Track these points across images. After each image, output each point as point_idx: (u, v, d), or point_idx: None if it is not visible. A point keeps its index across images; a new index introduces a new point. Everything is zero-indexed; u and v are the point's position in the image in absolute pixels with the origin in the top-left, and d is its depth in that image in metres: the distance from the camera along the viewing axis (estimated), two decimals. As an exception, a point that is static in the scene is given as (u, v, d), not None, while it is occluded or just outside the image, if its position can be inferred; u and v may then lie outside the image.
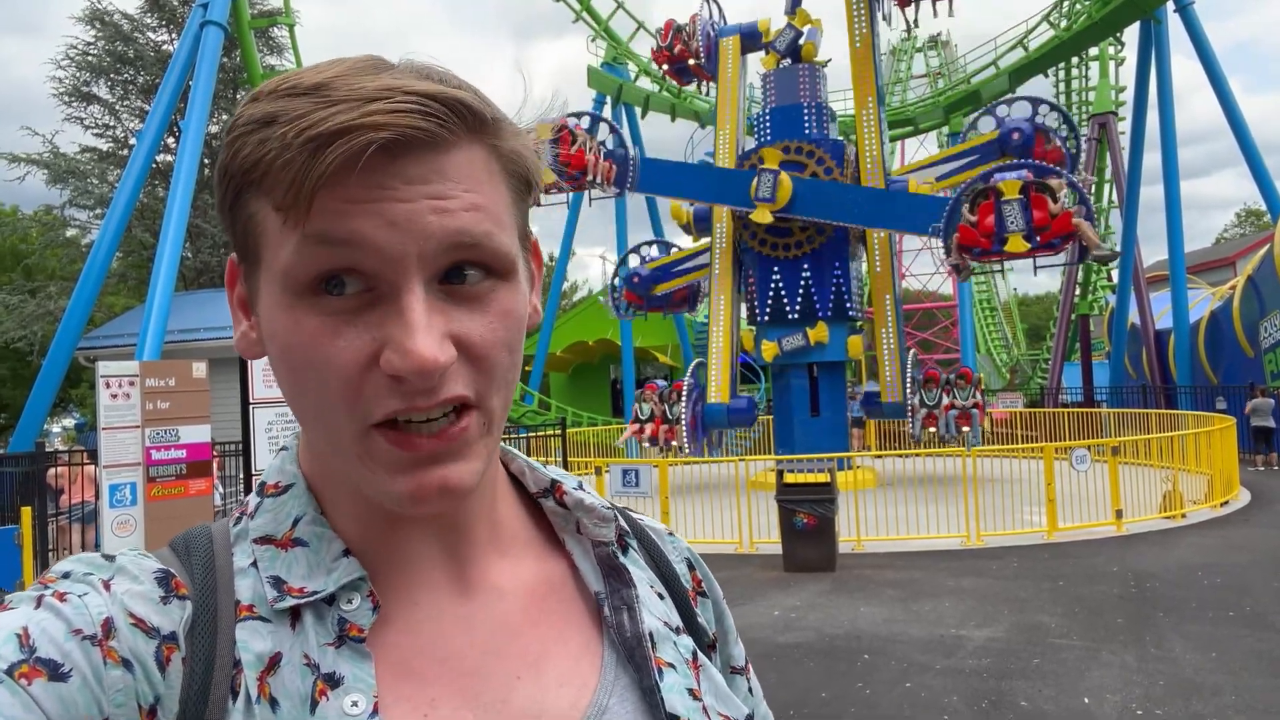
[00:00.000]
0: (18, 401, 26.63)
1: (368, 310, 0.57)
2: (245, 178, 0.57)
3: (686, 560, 0.82)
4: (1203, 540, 10.24)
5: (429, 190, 0.56)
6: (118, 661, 0.54)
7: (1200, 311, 22.78)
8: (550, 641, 0.68)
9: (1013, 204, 12.65)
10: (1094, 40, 23.73)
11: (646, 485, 11.17)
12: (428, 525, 0.67)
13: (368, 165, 0.54)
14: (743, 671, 0.83)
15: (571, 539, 0.74)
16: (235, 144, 0.58)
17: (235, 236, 0.61)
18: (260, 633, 0.59)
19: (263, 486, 0.68)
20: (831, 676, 6.05)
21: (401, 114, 0.54)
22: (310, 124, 0.54)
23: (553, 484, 0.75)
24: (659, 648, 0.69)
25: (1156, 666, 5.95)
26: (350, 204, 0.55)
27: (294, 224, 0.55)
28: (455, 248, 0.57)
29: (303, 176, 0.54)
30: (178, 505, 7.71)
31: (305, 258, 0.56)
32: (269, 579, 0.62)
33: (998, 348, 43.59)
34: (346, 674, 0.58)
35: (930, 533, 10.62)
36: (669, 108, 27.11)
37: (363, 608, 0.61)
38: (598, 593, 0.72)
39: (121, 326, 22.20)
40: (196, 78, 17.68)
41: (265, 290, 0.60)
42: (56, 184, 27.11)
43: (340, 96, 0.55)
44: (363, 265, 0.56)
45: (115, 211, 17.06)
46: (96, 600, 0.56)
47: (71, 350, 16.92)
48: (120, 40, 27.92)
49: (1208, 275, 31.52)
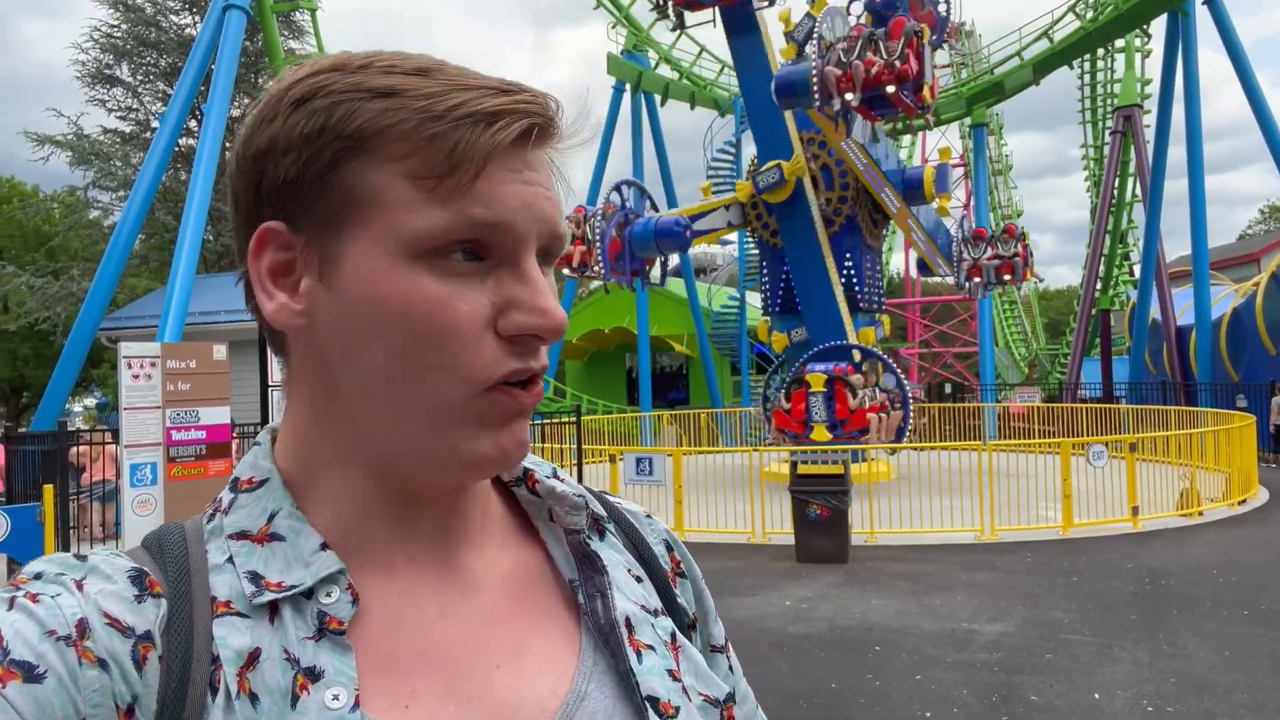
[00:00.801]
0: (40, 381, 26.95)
1: (483, 276, 0.61)
2: (360, 143, 0.59)
3: (665, 542, 0.83)
4: (1219, 538, 10.18)
5: (542, 178, 0.63)
6: (93, 661, 0.53)
7: (1223, 308, 22.53)
8: (529, 630, 0.69)
9: (818, 396, 13.44)
10: (1120, 32, 23.43)
11: (660, 474, 11.19)
12: (429, 509, 0.67)
13: (512, 148, 0.60)
14: (723, 650, 0.83)
15: (545, 527, 0.75)
16: (339, 109, 0.59)
17: (316, 202, 0.60)
18: (238, 628, 0.59)
19: (236, 482, 0.67)
20: (842, 668, 6.06)
21: (542, 105, 0.61)
22: (461, 102, 0.59)
23: (525, 472, 0.75)
24: (636, 631, 0.70)
25: (1169, 664, 5.94)
26: (500, 184, 0.60)
27: (444, 194, 0.59)
28: (552, 235, 0.64)
29: (467, 149, 0.58)
30: (197, 485, 7.80)
31: (451, 227, 0.59)
32: (246, 574, 0.61)
33: (1016, 342, 43.27)
34: (327, 667, 0.58)
35: (944, 526, 10.60)
36: (688, 96, 27.01)
37: (341, 600, 0.61)
38: (572, 580, 0.73)
39: (143, 308, 22.40)
40: (219, 61, 17.76)
41: (366, 255, 0.60)
42: (80, 165, 27.31)
43: (469, 84, 0.60)
44: (494, 239, 0.61)
45: (138, 194, 17.20)
46: (70, 601, 0.56)
47: (93, 331, 17.10)
48: (143, 23, 28.04)
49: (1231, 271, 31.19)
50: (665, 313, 29.61)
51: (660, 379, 33.65)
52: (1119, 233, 28.44)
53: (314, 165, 0.60)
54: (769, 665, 6.14)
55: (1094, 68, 31.06)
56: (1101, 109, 31.40)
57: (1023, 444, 15.04)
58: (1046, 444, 14.16)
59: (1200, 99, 21.79)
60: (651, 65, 26.71)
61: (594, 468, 13.23)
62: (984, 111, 26.30)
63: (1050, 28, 24.37)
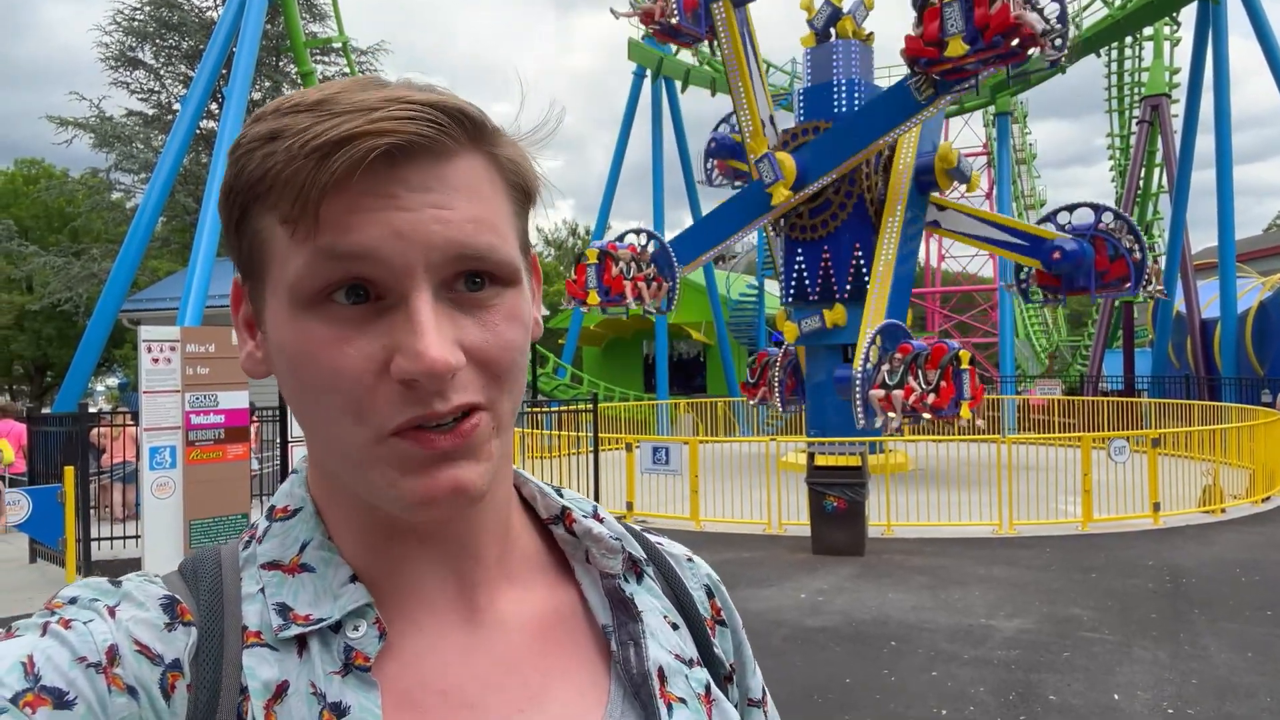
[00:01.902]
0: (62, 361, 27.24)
1: (376, 319, 0.57)
2: (251, 193, 0.58)
3: (706, 587, 0.81)
4: (1242, 536, 10.05)
5: (431, 199, 0.57)
6: (122, 689, 0.54)
7: (1249, 301, 22.23)
8: (555, 675, 0.67)
9: (953, 5, 11.77)
10: (1149, 20, 23.02)
11: (676, 463, 11.17)
12: (437, 545, 0.66)
13: (372, 173, 0.55)
14: (760, 705, 0.80)
15: (581, 568, 0.73)
16: (240, 161, 0.58)
17: (241, 254, 0.62)
18: (267, 660, 0.59)
19: (271, 510, 0.67)
20: (857, 662, 6.03)
21: (404, 120, 0.55)
22: (315, 135, 0.55)
23: (563, 510, 0.74)
24: (670, 682, 0.68)
25: (1190, 665, 5.86)
26: (356, 213, 0.56)
27: (302, 236, 0.56)
28: (459, 259, 0.58)
29: (309, 185, 0.54)
30: (216, 469, 7.85)
31: (314, 268, 0.56)
32: (275, 606, 0.61)
33: (1037, 332, 42.88)
34: (353, 704, 0.58)
35: (961, 520, 10.52)
36: (709, 82, 26.82)
37: (369, 635, 0.61)
38: (605, 626, 0.70)
39: (164, 290, 22.55)
40: (240, 44, 17.78)
41: (272, 304, 0.60)
42: (102, 148, 27.48)
43: (343, 109, 0.56)
44: (371, 275, 0.56)
45: (159, 176, 17.27)
46: (101, 627, 0.56)
47: (115, 312, 17.22)
48: (165, 6, 28.12)
49: (1258, 264, 30.69)
50: (684, 300, 29.32)
51: (678, 367, 33.60)
52: (1144, 223, 28.09)
53: (233, 219, 0.60)
54: (784, 658, 6.12)
55: (1121, 56, 30.62)
56: (1128, 98, 30.94)
57: (1042, 437, 14.91)
58: (1067, 438, 14.03)
59: (1230, 88, 21.43)
60: (673, 51, 26.54)
61: (610, 455, 13.22)
62: (1008, 100, 25.98)
63: (1078, 14, 24.01)
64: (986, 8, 11.48)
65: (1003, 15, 11.33)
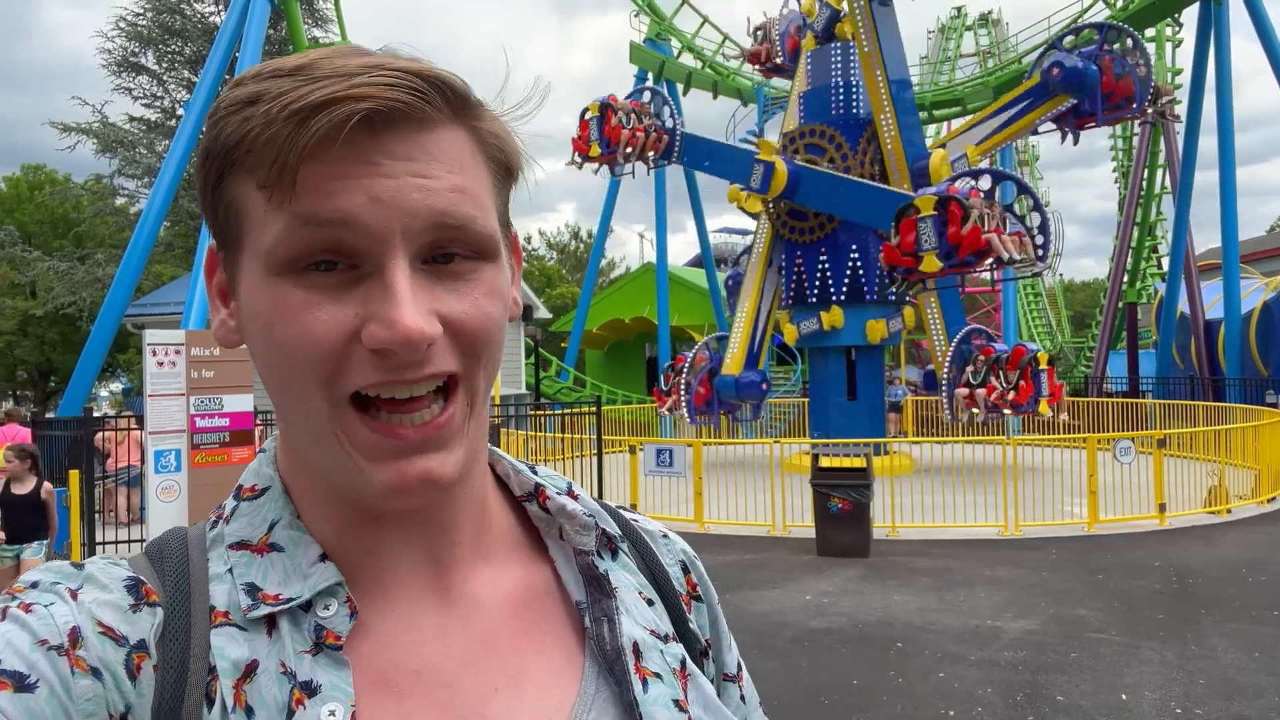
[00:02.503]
0: (67, 366, 27.27)
1: (352, 286, 0.57)
2: (227, 158, 0.57)
3: (681, 563, 0.80)
4: (1248, 537, 10.03)
5: (413, 168, 0.56)
6: (86, 670, 0.53)
7: (1253, 302, 22.17)
8: (530, 653, 0.67)
9: (928, 221, 12.00)
10: (1151, 21, 23.00)
11: (680, 465, 11.16)
12: (410, 526, 0.65)
13: (352, 140, 0.55)
14: (735, 679, 0.80)
15: (555, 545, 0.73)
16: (217, 125, 0.57)
17: (216, 221, 0.61)
18: (236, 639, 0.58)
19: (239, 490, 0.67)
20: (863, 664, 6.02)
21: (384, 87, 0.55)
22: (294, 99, 0.54)
23: (536, 487, 0.74)
24: (644, 657, 0.68)
25: (1197, 665, 5.85)
26: (335, 179, 0.55)
27: (279, 201, 0.55)
28: (438, 227, 0.57)
29: (287, 149, 0.54)
30: (221, 472, 7.86)
31: (291, 235, 0.55)
32: (244, 586, 0.60)
33: (1041, 334, 42.82)
34: (324, 682, 0.57)
35: (967, 521, 10.50)
36: (711, 85, 26.83)
37: (340, 614, 0.60)
38: (579, 602, 0.70)
39: (168, 295, 22.58)
40: (244, 49, 17.83)
41: (247, 271, 0.59)
42: (106, 153, 27.55)
43: (323, 74, 0.55)
44: (348, 242, 0.56)
45: (163, 181, 17.31)
46: (63, 610, 0.56)
47: (119, 317, 17.25)
48: (168, 11, 28.22)
49: (1262, 264, 30.63)
50: (686, 302, 29.55)
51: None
52: (1147, 225, 28.02)
53: (208, 185, 0.60)
54: (789, 660, 6.10)
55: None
56: (1131, 99, 30.89)
57: (1047, 439, 14.89)
58: (1072, 439, 14.01)
59: (1233, 89, 21.42)
60: (674, 54, 26.57)
61: (614, 458, 13.22)
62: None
63: (1080, 16, 24.01)
64: (959, 227, 11.84)
65: (973, 237, 11.78)
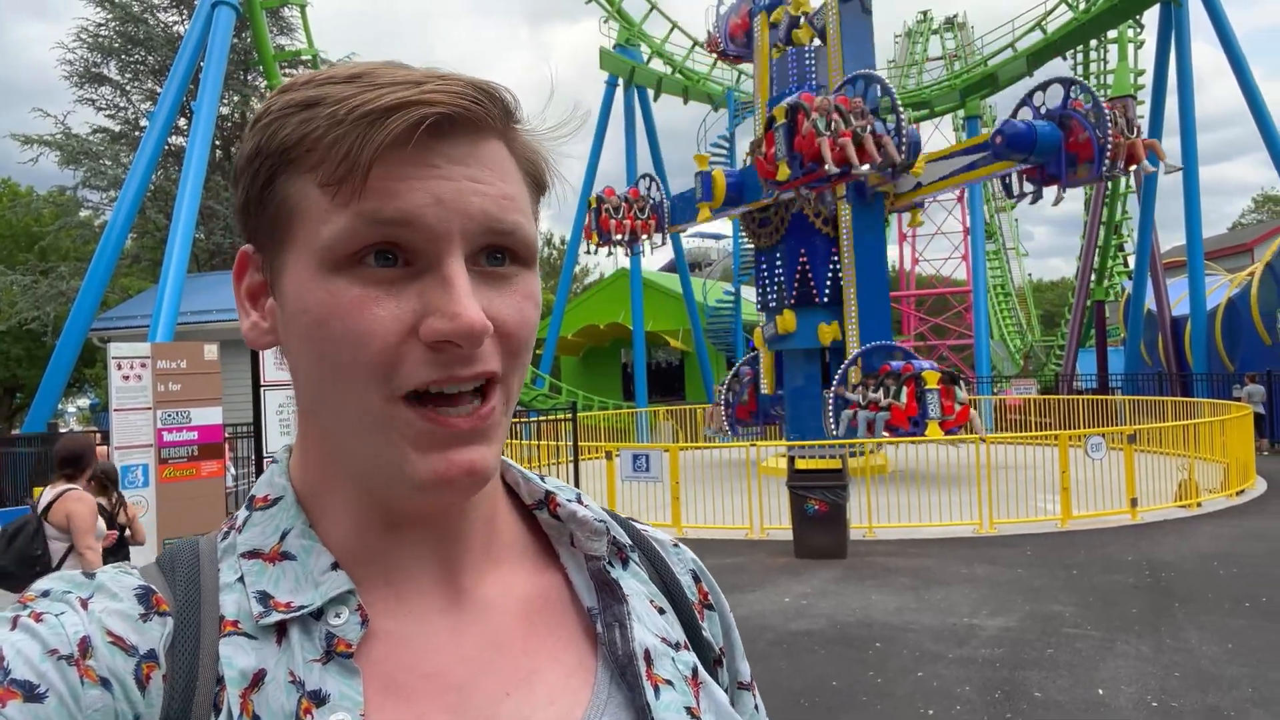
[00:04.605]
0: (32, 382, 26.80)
1: (408, 282, 0.58)
2: (283, 157, 0.59)
3: (692, 572, 0.81)
4: (1219, 530, 10.16)
5: (469, 173, 0.59)
6: (95, 680, 0.53)
7: (1218, 298, 22.54)
8: (541, 658, 0.67)
9: (780, 130, 13.30)
10: (1114, 23, 23.38)
11: (657, 470, 11.14)
12: (424, 531, 0.66)
13: (418, 142, 0.57)
14: (748, 687, 0.81)
15: (566, 552, 0.74)
16: (271, 126, 0.59)
17: (262, 219, 0.62)
18: (244, 649, 0.59)
19: (251, 500, 0.67)
20: (843, 665, 6.01)
21: (454, 94, 0.58)
22: (363, 101, 0.56)
23: (547, 495, 0.74)
24: (656, 664, 0.68)
25: (1172, 658, 5.90)
26: (401, 180, 0.57)
27: (345, 198, 0.57)
28: (491, 231, 0.60)
29: (359, 148, 0.56)
30: (190, 487, 7.73)
31: (354, 231, 0.57)
32: (255, 594, 0.61)
33: (1012, 333, 43.33)
34: (333, 691, 0.57)
35: (942, 520, 10.56)
36: (681, 90, 26.90)
37: (351, 622, 0.60)
38: (590, 609, 0.70)
39: (135, 308, 22.27)
40: (208, 59, 17.64)
41: (296, 268, 0.60)
42: (69, 165, 27.13)
43: (387, 81, 0.58)
44: (408, 241, 0.58)
45: (128, 193, 17.09)
46: (73, 619, 0.56)
47: (85, 331, 16.99)
48: (130, 21, 27.86)
49: (1225, 261, 31.19)
50: (660, 308, 29.56)
51: (657, 374, 33.60)
52: (1114, 224, 28.43)
53: (256, 184, 0.61)
54: (769, 663, 6.09)
55: (1087, 59, 31.01)
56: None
57: (1020, 436, 15.02)
58: (1043, 436, 14.14)
59: (1194, 89, 21.77)
60: (644, 60, 26.62)
61: (590, 464, 13.16)
62: (978, 103, 26.26)
63: (1043, 19, 24.36)
64: (799, 136, 13.07)
65: (809, 143, 12.90)
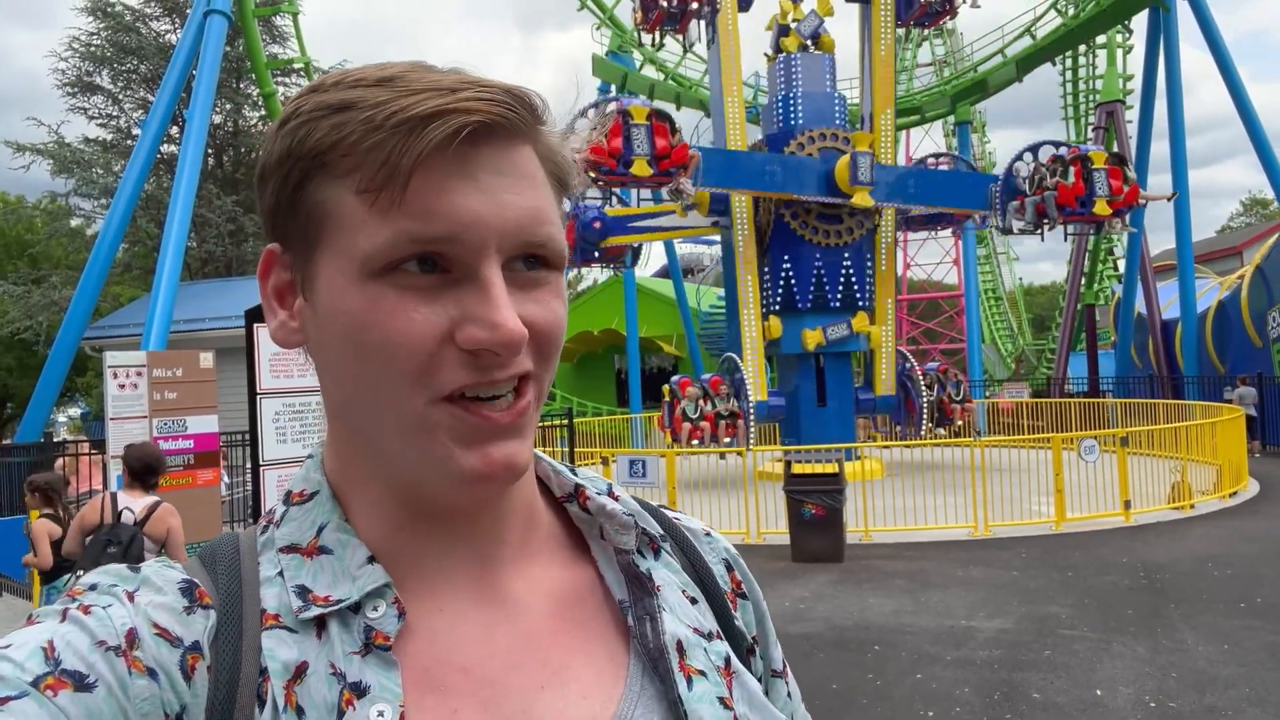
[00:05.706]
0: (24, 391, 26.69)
1: (444, 290, 0.59)
2: (317, 161, 0.59)
3: (725, 561, 0.81)
4: (1212, 531, 10.21)
5: (504, 182, 0.60)
6: (142, 671, 0.55)
7: (1208, 301, 22.68)
8: (575, 651, 0.68)
9: (641, 129, 13.43)
10: (1102, 28, 23.53)
11: (654, 476, 11.15)
12: (460, 525, 0.67)
13: (455, 150, 0.57)
14: (782, 675, 0.81)
15: (597, 545, 0.74)
16: (302, 129, 0.60)
17: (294, 222, 0.62)
18: (286, 642, 0.60)
19: (288, 495, 0.68)
20: (842, 667, 6.03)
21: (491, 102, 0.58)
22: (400, 108, 0.56)
23: (576, 488, 0.75)
24: (688, 655, 0.68)
25: (1169, 659, 5.93)
26: (441, 193, 0.57)
27: (384, 206, 0.57)
28: (525, 244, 0.61)
29: (398, 156, 0.56)
30: (185, 495, 7.70)
31: (396, 245, 0.57)
32: (294, 588, 0.62)
33: (1003, 337, 43.45)
34: (373, 683, 0.58)
35: (938, 523, 10.59)
36: (674, 96, 26.95)
37: (388, 615, 0.61)
38: (621, 601, 0.71)
39: (127, 316, 22.21)
40: (200, 67, 17.61)
41: (331, 271, 0.61)
42: (61, 174, 27.07)
43: (421, 86, 0.58)
44: (446, 249, 0.58)
45: (120, 201, 17.04)
46: (120, 612, 0.57)
47: (77, 340, 16.93)
48: (122, 30, 27.82)
49: (1215, 264, 31.39)
50: (654, 314, 29.59)
51: (651, 380, 33.62)
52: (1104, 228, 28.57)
53: (286, 187, 0.61)
54: (768, 667, 6.10)
55: (1076, 64, 31.21)
56: (1084, 105, 31.52)
57: (1013, 439, 15.07)
58: (1037, 439, 14.21)
59: (1183, 94, 21.93)
60: (636, 66, 26.68)
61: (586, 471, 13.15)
62: (968, 109, 26.38)
63: (1033, 25, 24.50)
64: (668, 140, 13.24)
65: (681, 151, 13.29)
